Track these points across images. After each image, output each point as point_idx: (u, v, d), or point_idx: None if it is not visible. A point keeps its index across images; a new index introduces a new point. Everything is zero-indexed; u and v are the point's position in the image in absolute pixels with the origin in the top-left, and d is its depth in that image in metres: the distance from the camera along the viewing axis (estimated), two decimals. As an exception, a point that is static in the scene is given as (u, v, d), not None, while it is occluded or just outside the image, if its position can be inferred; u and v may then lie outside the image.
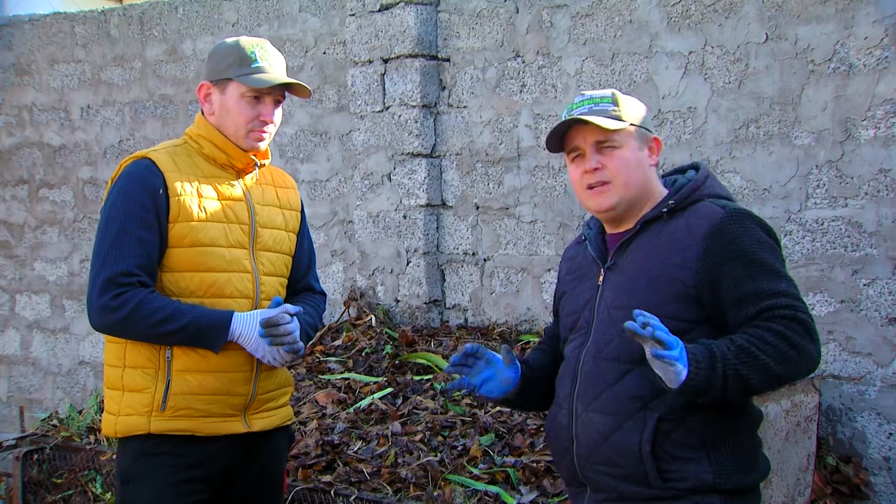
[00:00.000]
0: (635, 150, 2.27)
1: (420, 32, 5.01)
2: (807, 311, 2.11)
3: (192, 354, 2.53)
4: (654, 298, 2.16)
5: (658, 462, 2.14)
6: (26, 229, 6.74)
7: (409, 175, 5.06)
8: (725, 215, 2.17)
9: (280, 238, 2.73)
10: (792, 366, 2.07)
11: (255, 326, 2.52)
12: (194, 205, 2.55)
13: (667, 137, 4.45)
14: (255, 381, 2.63)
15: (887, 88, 3.95)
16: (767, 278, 2.11)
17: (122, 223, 2.48)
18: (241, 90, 2.58)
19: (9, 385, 6.84)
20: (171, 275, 2.54)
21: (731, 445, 2.17)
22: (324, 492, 3.32)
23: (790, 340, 2.05)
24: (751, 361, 2.04)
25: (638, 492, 2.17)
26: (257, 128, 2.61)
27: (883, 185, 3.97)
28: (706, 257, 2.13)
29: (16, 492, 4.17)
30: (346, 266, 5.45)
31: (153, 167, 2.54)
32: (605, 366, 2.21)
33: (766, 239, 2.17)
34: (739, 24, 4.26)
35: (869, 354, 4.02)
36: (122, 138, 6.32)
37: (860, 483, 3.98)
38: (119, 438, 2.60)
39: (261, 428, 2.64)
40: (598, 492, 2.24)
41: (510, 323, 4.88)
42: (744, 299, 2.10)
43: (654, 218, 2.24)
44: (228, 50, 2.61)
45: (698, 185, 2.26)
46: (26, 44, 6.68)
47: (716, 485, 2.13)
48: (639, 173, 2.26)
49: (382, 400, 4.08)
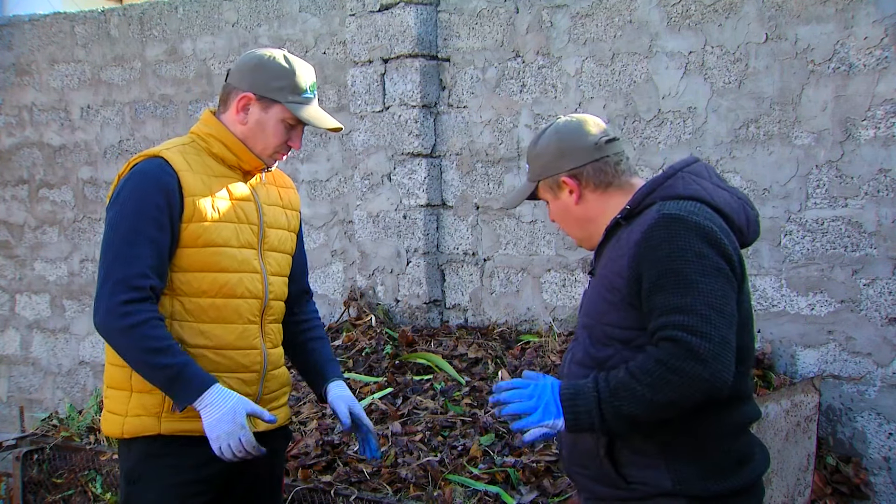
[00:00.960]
0: (555, 202, 2.33)
1: (420, 32, 5.01)
2: (702, 331, 1.99)
3: (204, 355, 2.53)
4: (601, 307, 2.19)
5: (616, 466, 2.16)
6: (26, 229, 6.74)
7: (409, 175, 5.06)
8: (654, 220, 2.10)
9: (284, 238, 2.75)
10: (676, 392, 2.00)
11: (230, 409, 2.42)
12: (208, 205, 2.54)
13: (667, 137, 4.45)
14: (263, 381, 2.64)
15: (887, 88, 3.95)
16: (675, 290, 2.03)
17: (134, 223, 2.46)
18: (284, 115, 2.58)
19: (9, 385, 6.84)
20: (182, 275, 2.53)
21: (695, 453, 2.13)
22: (324, 492, 3.31)
23: (668, 365, 2.00)
24: (628, 396, 2.03)
25: (609, 493, 2.20)
26: (283, 151, 2.65)
27: (883, 185, 3.97)
28: (633, 265, 2.11)
29: (16, 492, 4.17)
30: (346, 266, 5.45)
31: (167, 166, 2.52)
32: (575, 369, 2.25)
33: (690, 245, 2.05)
34: (739, 24, 4.26)
35: (869, 354, 4.02)
36: (122, 138, 6.32)
37: (860, 483, 3.98)
38: (123, 439, 2.58)
39: (264, 428, 2.64)
40: (581, 490, 2.31)
41: (510, 323, 4.88)
42: (651, 310, 2.07)
43: (614, 226, 2.24)
44: (282, 72, 2.58)
45: (654, 186, 2.21)
46: (26, 44, 6.68)
47: (677, 491, 2.11)
48: (569, 219, 2.32)
49: (382, 400, 4.08)
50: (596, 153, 2.27)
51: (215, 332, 2.55)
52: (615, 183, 2.27)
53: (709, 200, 2.17)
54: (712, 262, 2.05)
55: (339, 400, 2.83)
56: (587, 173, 2.27)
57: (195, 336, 2.54)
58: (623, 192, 2.27)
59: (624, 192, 2.27)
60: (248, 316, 2.61)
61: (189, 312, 2.54)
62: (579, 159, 2.27)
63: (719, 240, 2.08)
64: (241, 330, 2.59)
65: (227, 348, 2.58)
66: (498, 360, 4.47)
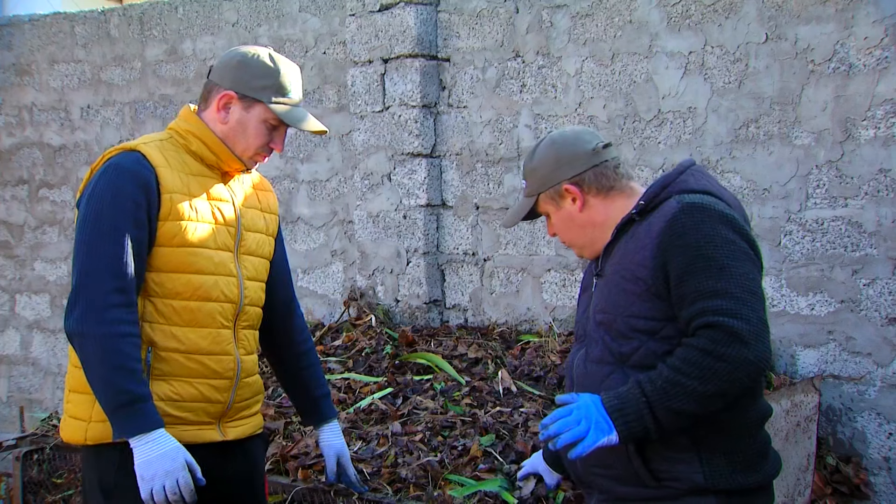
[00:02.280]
0: (556, 212, 2.33)
1: (420, 32, 5.01)
2: (741, 313, 2.02)
3: (175, 359, 2.45)
4: (623, 299, 2.18)
5: (647, 462, 2.15)
6: (26, 229, 6.74)
7: (409, 175, 5.06)
8: (678, 209, 2.13)
9: (262, 242, 2.66)
10: (725, 380, 2.02)
11: (173, 449, 2.31)
12: (185, 203, 2.45)
13: (667, 137, 4.45)
14: (235, 388, 2.55)
15: (887, 88, 3.95)
16: (708, 274, 2.05)
17: (112, 219, 2.34)
18: (267, 116, 2.51)
19: (9, 385, 6.84)
20: (156, 275, 2.43)
21: (726, 445, 2.15)
22: (324, 492, 3.31)
23: (715, 353, 2.01)
24: (679, 393, 2.03)
25: (634, 492, 2.18)
26: (265, 152, 2.57)
27: (883, 185, 3.97)
28: (658, 254, 2.12)
29: (16, 492, 4.17)
30: (346, 266, 5.45)
31: (144, 161, 2.41)
32: (593, 368, 2.24)
33: (718, 232, 2.09)
34: (739, 24, 4.26)
35: (869, 354, 4.02)
36: (122, 138, 6.31)
37: (860, 483, 3.98)
38: (89, 447, 2.45)
39: (234, 437, 2.57)
40: (599, 492, 2.27)
41: (510, 323, 4.88)
42: (683, 297, 2.08)
43: (627, 222, 2.25)
44: (266, 70, 2.50)
45: (668, 182, 2.23)
46: (26, 44, 6.68)
47: (708, 485, 2.12)
48: (573, 227, 2.33)
49: (382, 400, 4.07)
50: (595, 158, 2.30)
51: (188, 335, 2.46)
52: (616, 187, 2.30)
53: (719, 195, 2.21)
54: (740, 246, 2.10)
55: (329, 450, 2.84)
56: (588, 179, 2.29)
57: (167, 339, 2.44)
58: (624, 196, 2.30)
59: (625, 196, 2.30)
60: (221, 320, 2.51)
61: (161, 314, 2.44)
62: (579, 166, 2.29)
63: (742, 226, 2.14)
64: (214, 335, 2.49)
65: (199, 353, 2.48)
66: (498, 360, 4.47)
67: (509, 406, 3.90)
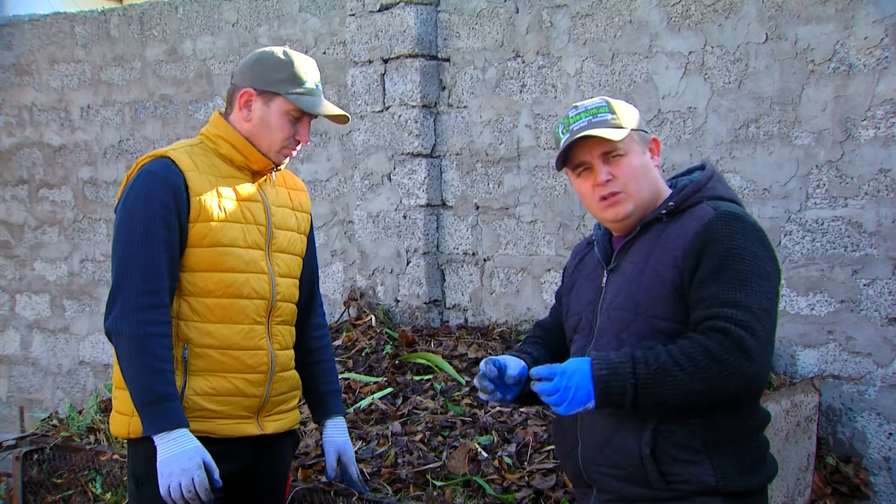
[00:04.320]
0: (640, 155, 2.28)
1: (420, 32, 5.01)
2: (754, 328, 2.05)
3: (210, 355, 2.54)
4: (647, 299, 2.18)
5: (659, 464, 2.15)
6: (26, 229, 6.74)
7: (409, 175, 5.06)
8: (715, 216, 2.16)
9: (293, 240, 2.76)
10: (715, 383, 2.04)
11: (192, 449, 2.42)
12: (214, 204, 2.55)
13: (667, 137, 4.45)
14: (270, 383, 2.64)
15: (887, 88, 3.95)
16: (731, 285, 2.08)
17: (146, 225, 2.47)
18: (287, 108, 2.60)
19: (9, 385, 6.84)
20: (189, 274, 2.54)
21: (735, 447, 2.16)
22: (324, 492, 3.31)
23: (717, 357, 2.03)
24: (668, 382, 2.05)
25: (642, 493, 2.18)
26: (291, 146, 2.66)
27: (883, 185, 3.97)
28: (689, 256, 2.14)
29: (16, 492, 4.17)
30: (346, 266, 5.45)
31: (173, 166, 2.53)
32: None
33: (749, 245, 2.12)
34: (739, 24, 4.26)
35: (869, 354, 4.02)
36: (122, 138, 6.32)
37: (860, 483, 3.98)
38: (130, 439, 2.57)
39: (273, 430, 2.65)
40: (603, 492, 2.26)
41: (510, 323, 4.88)
42: (701, 299, 2.11)
43: (653, 220, 2.25)
44: (281, 64, 2.61)
45: (699, 186, 2.26)
46: (26, 44, 6.68)
47: (718, 487, 2.13)
48: (647, 177, 2.29)
49: (382, 400, 4.08)
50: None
51: (221, 331, 2.56)
52: None
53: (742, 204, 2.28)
54: (766, 263, 2.14)
55: (329, 446, 2.86)
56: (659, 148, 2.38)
57: (202, 336, 2.55)
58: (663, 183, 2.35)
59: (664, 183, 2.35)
60: (253, 316, 2.61)
61: (195, 312, 2.55)
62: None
63: (769, 242, 2.19)
64: (246, 330, 2.60)
65: (232, 348, 2.58)
66: (498, 360, 4.47)
67: (509, 406, 3.90)
